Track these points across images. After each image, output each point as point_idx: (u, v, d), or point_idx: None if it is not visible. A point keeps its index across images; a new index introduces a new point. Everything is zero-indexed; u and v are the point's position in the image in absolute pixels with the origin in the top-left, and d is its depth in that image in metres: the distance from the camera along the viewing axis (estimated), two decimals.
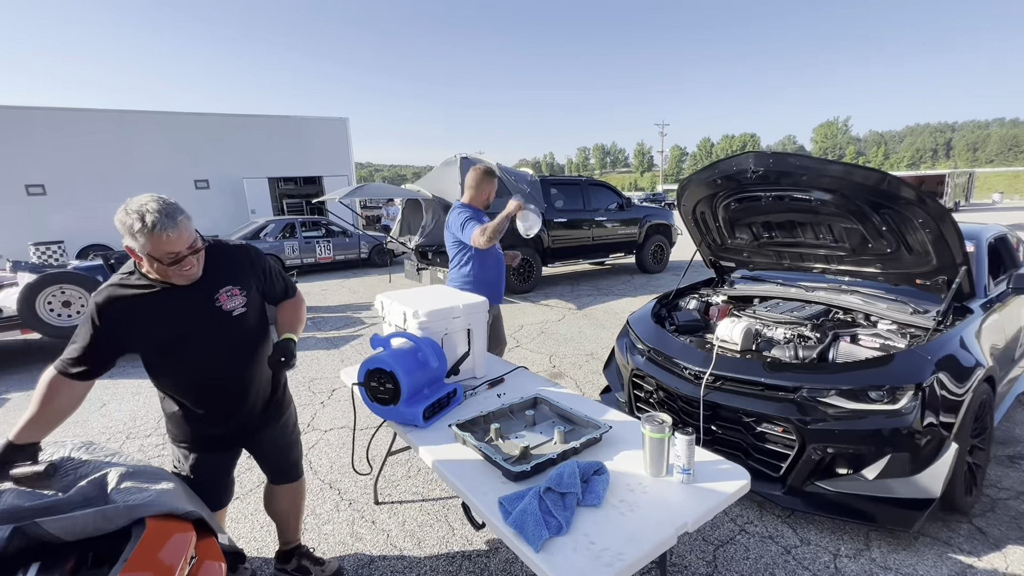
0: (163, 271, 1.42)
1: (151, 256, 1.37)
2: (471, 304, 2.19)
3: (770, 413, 2.26)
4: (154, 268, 1.42)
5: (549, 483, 1.31)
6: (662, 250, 9.64)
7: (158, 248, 1.36)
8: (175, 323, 1.50)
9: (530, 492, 1.30)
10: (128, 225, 1.33)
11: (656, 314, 3.29)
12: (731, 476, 1.44)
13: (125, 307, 1.44)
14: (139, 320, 1.45)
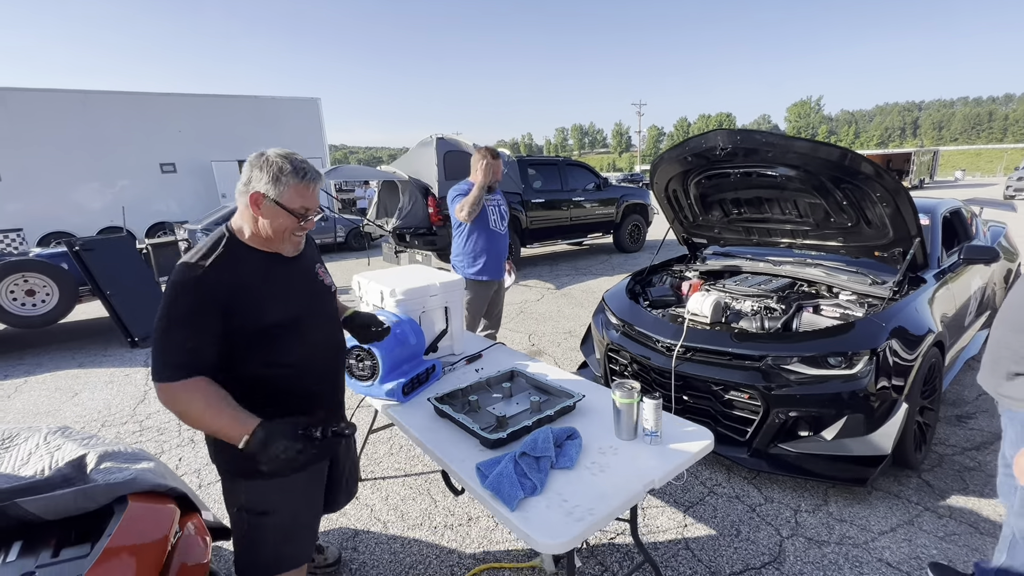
0: (282, 232, 1.27)
1: (286, 207, 1.24)
2: (448, 282, 2.22)
3: (737, 381, 2.37)
4: (274, 227, 1.26)
5: (524, 448, 1.37)
6: (639, 229, 9.76)
7: (300, 198, 1.25)
8: (292, 295, 1.33)
9: (506, 457, 1.36)
10: (276, 167, 1.22)
11: (630, 290, 3.37)
12: (696, 437, 1.52)
13: (234, 281, 1.22)
14: (254, 293, 1.25)
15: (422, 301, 2.13)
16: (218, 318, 1.19)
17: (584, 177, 8.98)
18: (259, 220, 1.26)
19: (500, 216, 3.18)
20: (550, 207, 8.32)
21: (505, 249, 3.23)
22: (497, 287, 3.26)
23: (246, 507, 1.35)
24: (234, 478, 1.35)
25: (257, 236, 1.29)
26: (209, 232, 8.41)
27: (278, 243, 1.31)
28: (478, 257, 3.08)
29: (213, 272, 1.20)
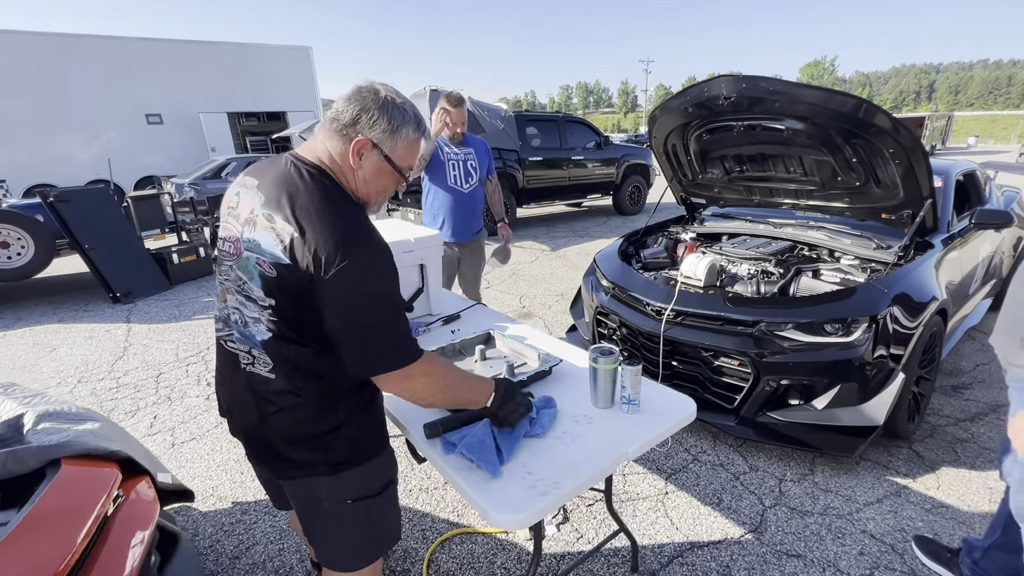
0: (379, 195, 1.08)
1: (396, 166, 1.03)
2: (424, 238, 2.07)
3: (728, 347, 2.27)
4: (372, 186, 1.05)
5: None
6: (639, 191, 9.50)
7: (411, 155, 1.06)
8: None
9: (480, 424, 1.25)
10: (399, 114, 0.99)
11: (623, 252, 3.23)
12: (678, 406, 1.42)
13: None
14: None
15: (396, 258, 1.99)
16: None
17: (584, 135, 8.65)
18: (356, 173, 1.02)
19: (464, 173, 2.84)
20: (548, 166, 8.05)
21: (472, 211, 2.92)
22: (469, 252, 3.02)
23: (370, 491, 1.13)
24: (352, 466, 1.09)
25: (353, 187, 1.05)
26: (198, 188, 8.08)
27: (370, 202, 1.09)
28: (437, 216, 2.90)
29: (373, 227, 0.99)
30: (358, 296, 0.92)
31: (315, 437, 1.05)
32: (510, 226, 8.05)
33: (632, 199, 9.42)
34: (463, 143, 2.84)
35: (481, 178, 2.91)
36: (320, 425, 1.05)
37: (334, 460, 1.07)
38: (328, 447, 1.06)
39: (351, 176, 1.03)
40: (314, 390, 1.03)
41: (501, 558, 1.80)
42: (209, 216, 6.75)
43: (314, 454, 1.06)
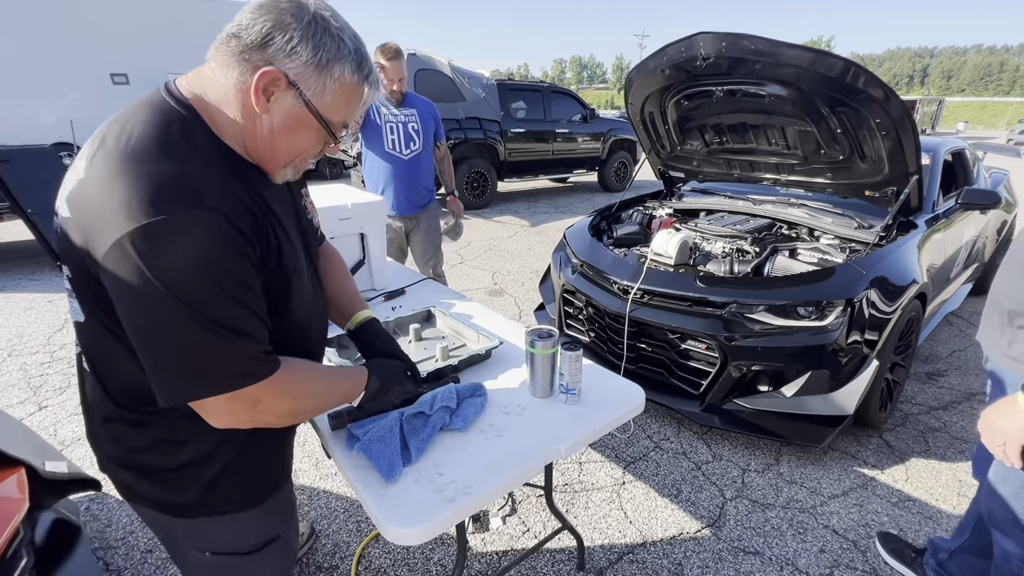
0: (294, 155, 0.77)
1: (323, 118, 0.73)
2: (363, 204, 1.87)
3: (695, 330, 2.12)
4: (284, 143, 0.74)
5: (421, 406, 1.10)
6: (626, 167, 9.27)
7: (348, 107, 0.75)
8: (285, 217, 0.81)
9: (391, 416, 1.09)
10: (331, 41, 0.70)
11: (595, 227, 3.05)
12: (625, 395, 1.26)
13: (249, 206, 0.71)
14: (269, 223, 0.75)
15: (328, 225, 1.79)
16: (255, 263, 0.71)
17: (570, 107, 8.35)
18: (260, 120, 0.71)
19: (404, 137, 2.56)
20: (532, 138, 7.76)
21: (415, 180, 2.65)
22: (418, 226, 2.78)
23: (240, 547, 0.89)
24: (212, 514, 0.84)
25: (242, 139, 0.73)
26: None
27: (275, 166, 0.77)
28: (376, 186, 2.68)
29: (229, 205, 0.67)
30: (146, 300, 0.62)
31: (153, 472, 0.80)
32: (487, 204, 7.79)
33: (618, 175, 9.19)
34: (403, 103, 2.58)
35: (427, 144, 2.66)
36: (158, 459, 0.79)
37: (184, 503, 0.81)
38: (174, 487, 0.80)
39: (250, 123, 0.71)
40: (143, 408, 0.76)
41: (439, 553, 1.67)
42: None
43: (156, 490, 0.81)
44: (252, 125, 0.72)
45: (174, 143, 0.66)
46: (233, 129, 0.73)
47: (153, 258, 0.60)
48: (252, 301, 0.70)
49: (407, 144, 2.58)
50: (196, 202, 0.63)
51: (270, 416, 0.76)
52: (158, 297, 0.61)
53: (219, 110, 0.72)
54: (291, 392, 0.78)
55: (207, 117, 0.71)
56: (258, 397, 0.72)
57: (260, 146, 0.74)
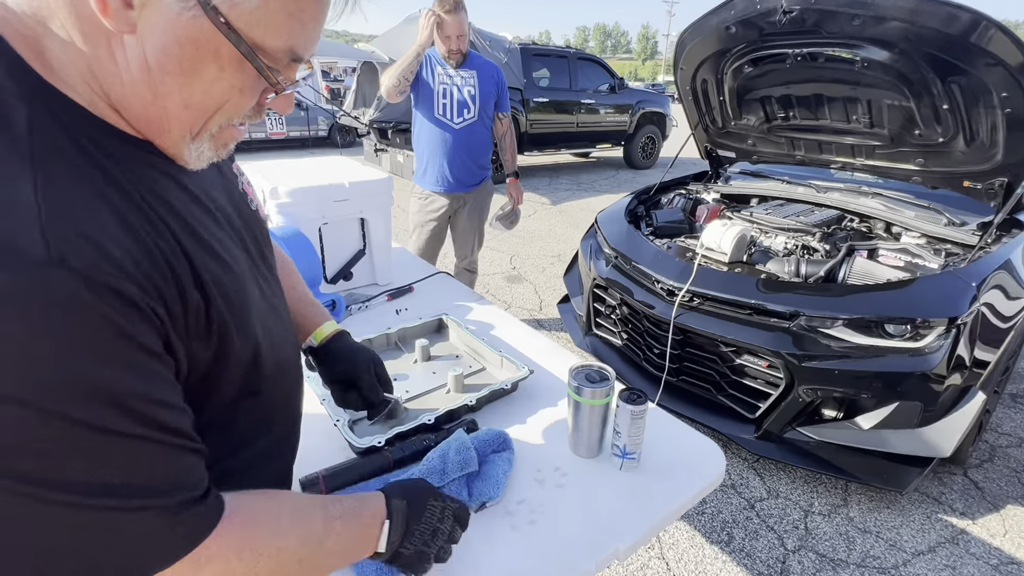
0: (213, 98, 0.42)
1: (250, 38, 0.39)
2: (365, 183, 1.54)
3: (755, 344, 1.78)
4: (189, 86, 0.40)
5: (426, 475, 0.80)
6: (653, 143, 8.72)
7: (297, 27, 0.41)
8: (212, 229, 0.48)
9: (379, 481, 0.79)
10: None
11: (631, 212, 2.69)
12: (696, 457, 0.94)
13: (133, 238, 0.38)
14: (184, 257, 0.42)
15: (321, 208, 1.47)
16: (155, 339, 0.38)
17: (597, 76, 7.80)
18: (122, 47, 0.37)
19: (457, 103, 2.21)
20: (555, 109, 7.27)
21: (467, 154, 2.30)
22: (464, 206, 2.43)
23: None
24: None
25: (100, 86, 0.39)
26: None
27: (173, 137, 0.43)
28: (421, 158, 2.34)
29: (85, 242, 0.34)
30: None
31: None
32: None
33: (645, 151, 8.66)
34: (464, 64, 2.21)
35: (485, 113, 2.28)
36: None
37: None
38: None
39: (107, 55, 0.37)
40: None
41: None
42: None
43: None
44: (109, 57, 0.37)
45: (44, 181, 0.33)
46: (81, 64, 0.37)
47: None
48: (159, 416, 0.37)
49: (460, 111, 2.22)
50: (14, 252, 0.31)
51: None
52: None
53: (43, 27, 0.36)
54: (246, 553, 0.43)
55: (23, 45, 0.36)
56: (199, 561, 0.40)
57: (134, 102, 0.40)
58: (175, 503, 0.38)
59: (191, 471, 0.41)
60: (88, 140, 0.38)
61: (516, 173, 2.53)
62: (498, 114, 2.36)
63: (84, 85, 0.38)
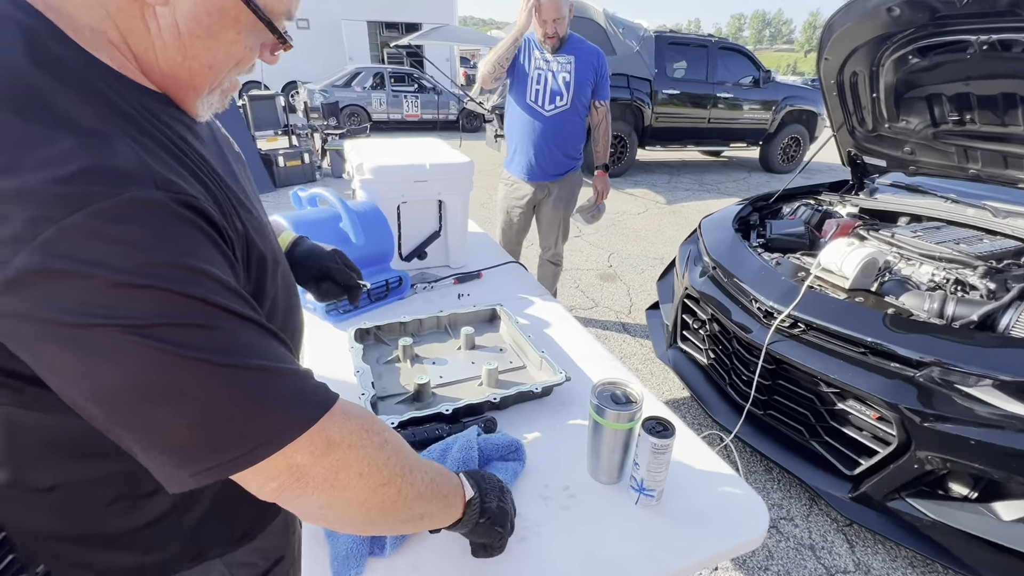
0: (224, 54, 0.49)
1: (274, 15, 0.49)
2: (446, 165, 1.56)
3: (866, 389, 1.50)
4: (207, 42, 0.47)
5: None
6: (798, 145, 7.76)
7: (297, 3, 0.53)
8: (228, 170, 0.57)
9: None
10: None
11: (742, 219, 2.41)
12: (733, 512, 0.81)
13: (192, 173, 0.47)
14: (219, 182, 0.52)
15: (401, 187, 1.52)
16: (231, 256, 0.48)
17: (740, 68, 7.12)
18: (156, 17, 0.44)
19: (551, 90, 2.15)
20: (686, 102, 6.80)
21: (555, 143, 2.23)
22: (549, 196, 2.37)
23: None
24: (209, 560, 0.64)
25: (131, 53, 0.46)
26: (327, 95, 8.20)
27: (194, 93, 0.51)
28: (511, 141, 2.31)
29: (167, 173, 0.41)
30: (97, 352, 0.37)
31: (112, 538, 0.57)
32: (623, 172, 7.12)
33: (786, 154, 7.75)
34: (561, 49, 2.15)
35: (579, 101, 2.20)
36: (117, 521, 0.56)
37: (158, 561, 0.60)
38: (145, 548, 0.59)
39: (142, 26, 0.44)
40: (85, 463, 0.52)
41: None
42: (323, 123, 6.85)
43: (117, 557, 0.59)
44: (143, 28, 0.44)
45: (33, 92, 0.38)
46: (113, 36, 0.44)
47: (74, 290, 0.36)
48: (250, 307, 0.45)
49: (552, 99, 2.18)
50: (125, 180, 0.38)
51: (350, 473, 0.47)
52: (111, 339, 0.37)
53: (82, 6, 0.42)
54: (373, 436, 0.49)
55: (63, 23, 0.41)
56: (330, 438, 0.45)
57: (165, 64, 0.47)
58: (305, 371, 0.47)
59: (291, 358, 0.47)
60: (131, 98, 0.44)
61: (606, 166, 2.42)
62: (595, 102, 2.26)
63: (115, 52, 0.44)
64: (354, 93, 9.51)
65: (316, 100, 8.72)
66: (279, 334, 0.47)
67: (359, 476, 0.48)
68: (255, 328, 0.44)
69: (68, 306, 0.35)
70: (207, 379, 0.40)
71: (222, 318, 0.41)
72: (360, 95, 9.55)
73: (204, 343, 0.39)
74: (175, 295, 0.38)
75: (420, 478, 0.54)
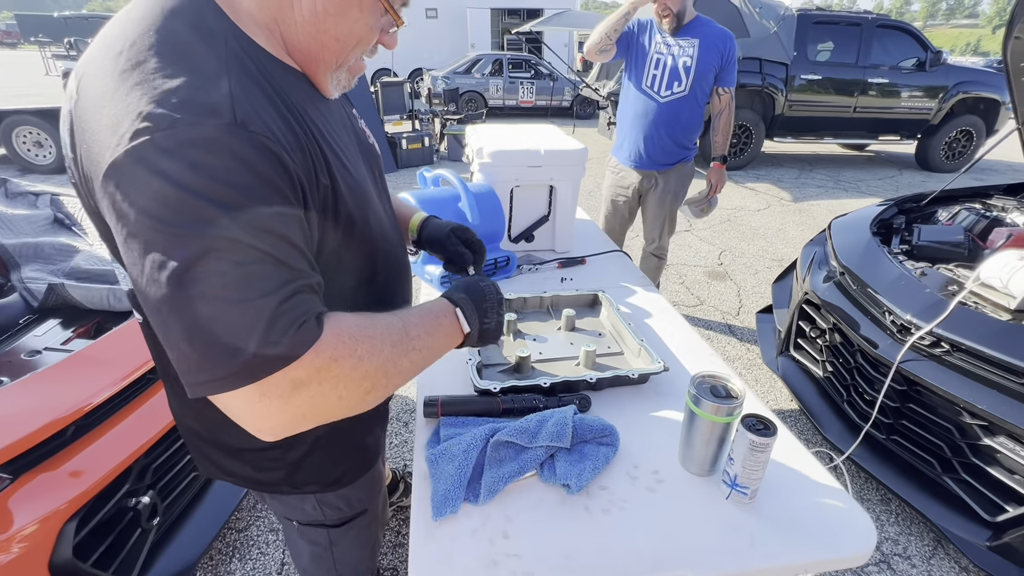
0: (352, 46, 0.61)
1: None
2: (559, 152, 1.60)
3: (1022, 426, 1.29)
4: (339, 30, 0.58)
5: (518, 434, 0.85)
6: (970, 139, 6.59)
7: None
8: (344, 144, 0.66)
9: (479, 429, 0.87)
10: None
11: (883, 222, 2.15)
12: (835, 526, 0.77)
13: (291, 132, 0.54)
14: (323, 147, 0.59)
15: (516, 172, 1.59)
16: (295, 196, 0.52)
17: (902, 48, 6.20)
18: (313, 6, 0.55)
19: (668, 74, 2.04)
20: (828, 88, 6.10)
21: (668, 130, 2.12)
22: (657, 187, 2.28)
23: (326, 519, 0.86)
24: (293, 491, 0.79)
25: (277, 30, 0.57)
26: (449, 82, 8.66)
27: (324, 68, 0.61)
28: (622, 126, 2.25)
29: (257, 118, 0.49)
30: (132, 236, 0.45)
31: (236, 451, 0.72)
32: (745, 165, 6.60)
33: (952, 150, 6.63)
34: (685, 31, 2.05)
35: (700, 88, 2.09)
36: (239, 439, 0.69)
37: (267, 481, 0.76)
38: (258, 467, 0.74)
39: (287, 5, 0.55)
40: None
41: None
42: (443, 109, 7.22)
43: (241, 467, 0.74)
44: (288, 6, 0.56)
45: (181, 45, 0.49)
46: (262, 15, 0.56)
47: (141, 181, 0.44)
48: (280, 245, 0.49)
49: (669, 84, 2.08)
50: (213, 114, 0.46)
51: (327, 401, 0.53)
52: (146, 229, 0.45)
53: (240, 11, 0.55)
54: (344, 361, 0.52)
55: (226, 5, 0.54)
56: (296, 379, 0.49)
57: (302, 39, 0.58)
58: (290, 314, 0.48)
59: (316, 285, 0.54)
60: (263, 66, 0.54)
61: (724, 158, 2.26)
62: (718, 89, 2.12)
63: (263, 32, 0.56)
64: (473, 79, 9.86)
65: (438, 86, 9.21)
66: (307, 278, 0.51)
67: (338, 399, 0.53)
68: (260, 259, 0.47)
69: (134, 201, 0.44)
70: (184, 302, 0.44)
71: (215, 242, 0.44)
72: (479, 81, 9.88)
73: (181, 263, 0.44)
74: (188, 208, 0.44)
75: (409, 360, 0.60)
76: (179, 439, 1.30)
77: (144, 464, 1.18)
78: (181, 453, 1.31)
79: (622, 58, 2.18)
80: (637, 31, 2.10)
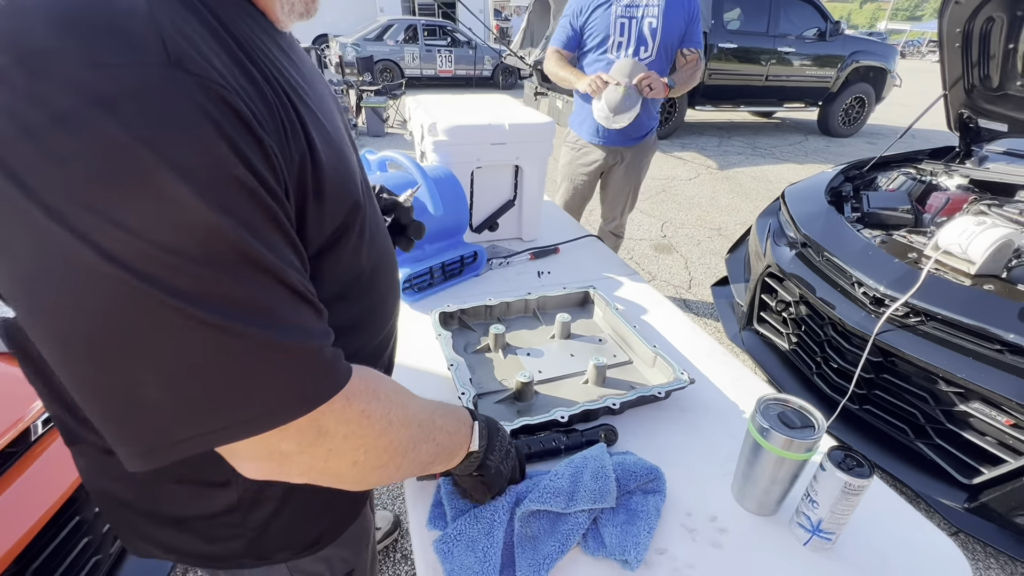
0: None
1: None
2: (525, 126, 1.38)
3: (1000, 392, 1.32)
4: None
5: (550, 497, 0.65)
6: (862, 106, 7.17)
7: None
8: (320, 98, 0.47)
9: (498, 501, 0.66)
10: None
11: (834, 191, 2.17)
12: (923, 561, 0.67)
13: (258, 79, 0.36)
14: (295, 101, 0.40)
15: (477, 150, 1.36)
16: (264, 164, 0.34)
17: (805, 19, 6.51)
18: None
19: (635, 38, 1.87)
20: (742, 58, 6.29)
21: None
22: (622, 162, 2.13)
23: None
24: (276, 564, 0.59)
25: None
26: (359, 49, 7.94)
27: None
28: (583, 98, 2.07)
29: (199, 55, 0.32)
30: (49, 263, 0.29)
31: (180, 521, 0.53)
32: (670, 134, 6.61)
33: (848, 116, 7.18)
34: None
35: (666, 50, 1.91)
36: (183, 505, 0.52)
37: (223, 554, 0.56)
38: (210, 538, 0.54)
39: None
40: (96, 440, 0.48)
41: None
42: (357, 79, 6.61)
43: (185, 541, 0.55)
44: None
45: None
46: None
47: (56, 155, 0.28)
48: (281, 247, 0.36)
49: (637, 50, 1.90)
50: (136, 54, 0.29)
51: (342, 462, 0.42)
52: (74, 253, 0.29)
53: None
54: (375, 422, 0.43)
55: None
56: (323, 428, 0.39)
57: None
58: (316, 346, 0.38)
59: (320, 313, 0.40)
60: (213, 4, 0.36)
61: (672, 85, 1.93)
62: (683, 50, 1.96)
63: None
64: (387, 47, 9.16)
65: (349, 55, 8.45)
66: (300, 287, 0.37)
67: (352, 464, 0.43)
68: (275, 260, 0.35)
69: None
70: (183, 333, 0.32)
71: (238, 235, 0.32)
72: (393, 49, 9.20)
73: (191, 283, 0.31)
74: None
75: (425, 450, 0.50)
76: (66, 524, 0.97)
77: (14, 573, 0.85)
78: (75, 540, 0.99)
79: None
80: (593, 5, 1.90)
